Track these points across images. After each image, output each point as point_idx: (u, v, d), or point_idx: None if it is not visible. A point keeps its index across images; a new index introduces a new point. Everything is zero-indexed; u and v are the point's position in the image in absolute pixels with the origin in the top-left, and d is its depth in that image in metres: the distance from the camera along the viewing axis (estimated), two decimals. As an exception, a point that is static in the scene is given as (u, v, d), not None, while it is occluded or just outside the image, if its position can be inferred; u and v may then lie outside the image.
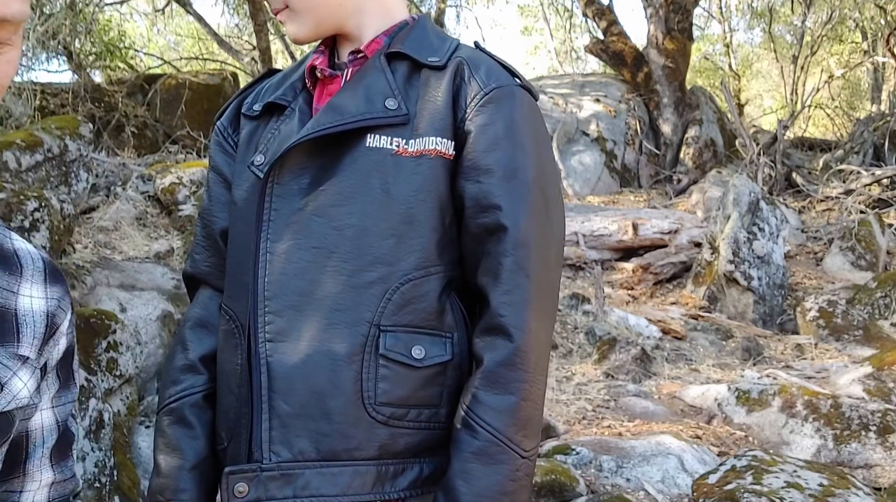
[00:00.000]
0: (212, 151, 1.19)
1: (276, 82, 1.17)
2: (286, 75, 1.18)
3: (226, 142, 1.18)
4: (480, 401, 0.97)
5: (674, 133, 10.34)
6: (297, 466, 0.96)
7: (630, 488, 2.94)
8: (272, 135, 1.10)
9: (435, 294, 1.02)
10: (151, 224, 4.58)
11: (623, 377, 4.45)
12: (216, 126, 1.19)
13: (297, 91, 1.13)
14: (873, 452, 3.31)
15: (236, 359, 1.04)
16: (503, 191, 1.01)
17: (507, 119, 1.03)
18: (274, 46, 11.29)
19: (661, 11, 10.34)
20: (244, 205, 1.09)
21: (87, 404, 2.51)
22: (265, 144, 1.10)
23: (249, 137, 1.14)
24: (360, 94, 1.04)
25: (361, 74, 1.07)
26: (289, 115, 1.10)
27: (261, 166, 1.08)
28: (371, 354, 0.98)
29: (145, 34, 12.09)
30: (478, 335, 1.00)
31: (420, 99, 1.05)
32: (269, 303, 1.00)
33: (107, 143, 7.05)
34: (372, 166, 1.01)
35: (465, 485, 0.95)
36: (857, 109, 13.98)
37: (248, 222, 1.06)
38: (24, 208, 3.38)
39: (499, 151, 1.02)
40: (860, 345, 5.17)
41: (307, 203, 1.02)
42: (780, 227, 6.16)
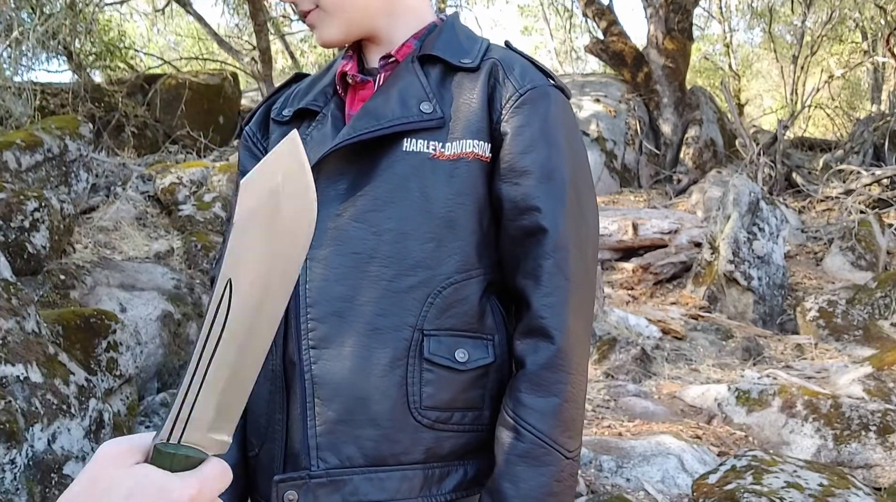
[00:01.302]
0: (241, 156, 1.19)
1: (304, 87, 1.17)
2: (315, 80, 1.17)
3: (255, 148, 1.17)
4: (524, 404, 0.98)
5: (674, 133, 10.34)
6: (345, 472, 0.97)
7: (630, 488, 2.94)
8: (305, 141, 1.08)
9: (476, 297, 1.02)
10: (151, 224, 4.58)
11: (623, 377, 4.46)
12: (245, 131, 1.19)
13: (329, 97, 1.12)
14: (873, 452, 3.31)
15: (268, 365, 1.03)
16: (541, 192, 1.01)
17: (542, 120, 1.04)
18: (274, 46, 11.29)
19: (661, 11, 10.34)
20: None
21: (87, 404, 2.52)
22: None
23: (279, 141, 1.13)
24: (394, 99, 1.04)
25: (395, 78, 1.06)
26: (321, 120, 1.09)
27: None
28: (415, 359, 0.99)
29: (145, 34, 12.09)
30: (519, 337, 1.01)
31: (454, 101, 1.05)
32: (311, 309, 0.99)
33: (107, 143, 7.06)
34: (409, 170, 1.01)
35: (513, 488, 0.95)
36: (857, 109, 13.98)
37: None
38: (24, 208, 3.38)
39: (535, 152, 1.02)
40: (860, 345, 5.17)
41: (345, 209, 1.01)
42: (780, 227, 6.16)
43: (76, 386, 2.49)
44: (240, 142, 1.20)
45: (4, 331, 2.35)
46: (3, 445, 2.11)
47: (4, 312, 2.40)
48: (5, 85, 6.04)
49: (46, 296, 3.30)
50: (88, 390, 2.54)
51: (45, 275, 3.40)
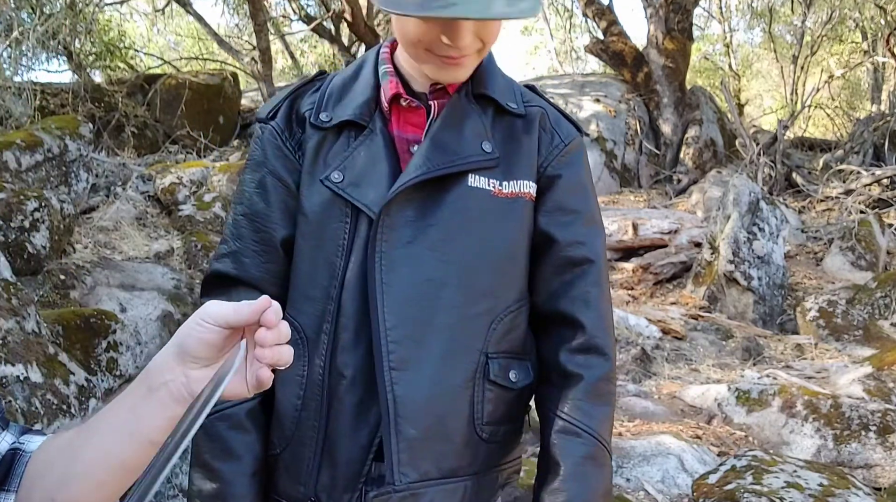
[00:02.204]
0: (268, 153, 1.14)
1: (337, 91, 1.15)
2: (347, 85, 1.15)
3: (284, 146, 1.14)
4: (586, 412, 1.10)
5: (674, 133, 10.34)
6: (422, 485, 1.06)
7: (630, 488, 2.94)
8: (352, 156, 1.10)
9: (525, 323, 1.16)
10: (151, 224, 4.58)
11: (623, 377, 4.45)
12: (272, 126, 1.15)
13: (372, 111, 1.12)
14: (873, 452, 3.31)
15: (299, 370, 1.09)
16: (587, 229, 1.17)
17: (582, 166, 1.21)
18: (274, 46, 11.29)
19: (661, 11, 10.34)
20: (319, 221, 1.10)
21: (87, 404, 2.51)
22: (343, 162, 1.10)
23: (318, 148, 1.12)
24: (463, 136, 1.11)
25: (456, 113, 1.12)
26: (368, 137, 1.11)
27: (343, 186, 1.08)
28: (481, 380, 1.10)
29: (145, 34, 12.09)
30: (572, 354, 1.14)
31: (505, 143, 1.14)
32: (391, 332, 1.05)
33: (107, 143, 7.05)
34: (474, 205, 1.10)
35: (581, 486, 1.07)
36: (857, 109, 13.97)
37: (324, 239, 1.10)
38: (24, 208, 3.38)
39: (580, 195, 1.18)
40: (860, 345, 5.17)
41: (416, 236, 1.08)
42: (780, 227, 6.16)
43: (76, 386, 2.49)
44: (264, 137, 1.15)
45: (4, 331, 2.35)
46: (3, 445, 2.11)
47: (4, 312, 2.40)
48: (5, 85, 6.04)
49: (46, 296, 3.30)
50: (88, 390, 2.54)
51: (45, 275, 3.40)
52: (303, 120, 1.14)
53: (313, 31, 10.99)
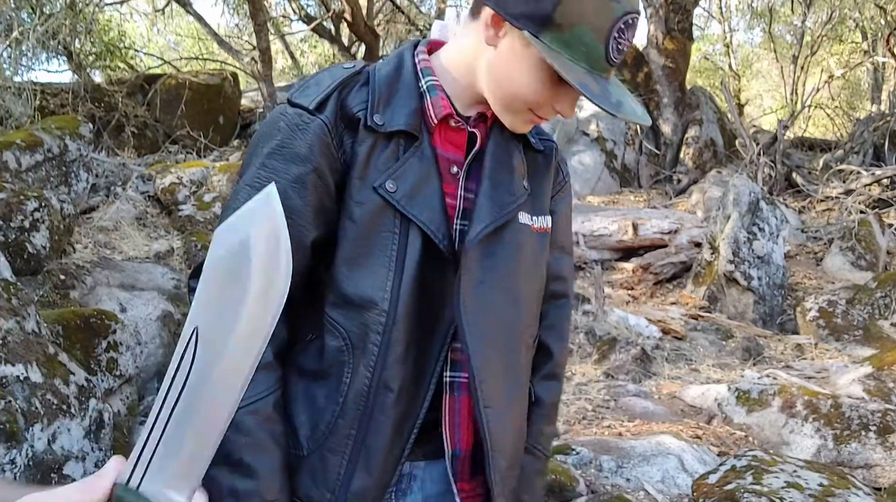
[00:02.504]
0: (315, 149, 1.07)
1: (385, 92, 1.10)
2: (394, 87, 1.11)
3: (332, 144, 1.07)
4: (544, 434, 1.24)
5: (674, 133, 10.34)
6: None
7: (630, 488, 2.94)
8: (404, 167, 1.08)
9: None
10: (151, 224, 4.59)
11: (623, 377, 4.45)
12: (322, 121, 1.07)
13: (420, 123, 1.10)
14: (873, 452, 3.31)
15: (341, 376, 1.08)
16: (568, 265, 1.27)
17: (570, 202, 1.30)
18: (274, 46, 11.29)
19: (661, 11, 10.34)
20: (369, 228, 1.07)
21: (87, 404, 2.51)
22: (395, 172, 1.07)
23: (370, 152, 1.07)
24: (513, 175, 1.15)
25: (504, 151, 1.15)
26: (419, 150, 1.09)
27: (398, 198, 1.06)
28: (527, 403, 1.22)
29: (145, 34, 12.09)
30: (541, 380, 1.24)
31: (531, 178, 1.18)
32: (478, 372, 1.11)
33: (107, 143, 7.05)
34: (524, 241, 1.15)
35: (531, 498, 1.22)
36: (857, 109, 13.98)
37: (372, 247, 1.07)
38: (24, 208, 3.38)
39: (568, 230, 1.28)
40: (860, 345, 5.17)
41: (484, 275, 1.11)
42: (780, 227, 6.16)
43: (76, 386, 2.49)
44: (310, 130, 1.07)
45: (4, 331, 2.35)
46: (3, 445, 2.11)
47: (4, 312, 2.41)
48: (5, 85, 6.04)
49: (46, 296, 3.30)
50: (88, 390, 2.54)
51: (45, 275, 3.40)
52: (351, 118, 1.07)
53: (313, 31, 11.00)
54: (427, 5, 12.53)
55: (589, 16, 0.98)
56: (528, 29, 0.99)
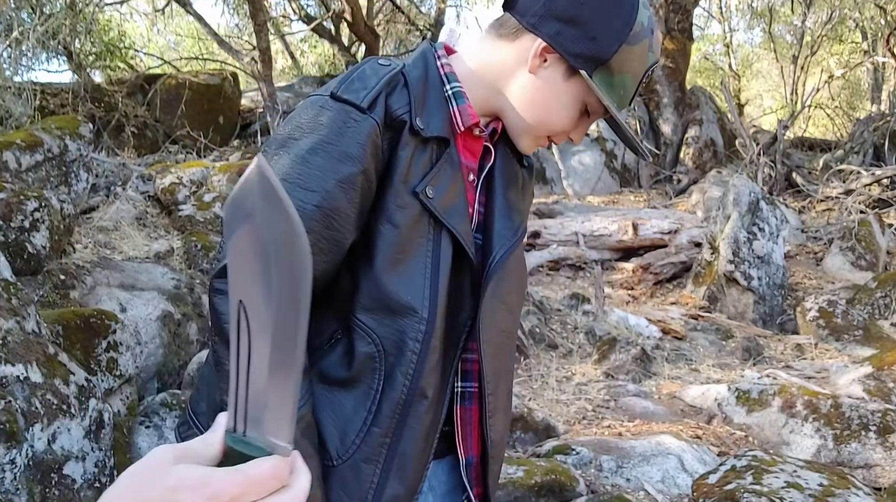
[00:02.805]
0: (366, 150, 1.04)
1: (421, 95, 1.09)
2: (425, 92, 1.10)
3: (381, 145, 1.05)
4: None
5: (674, 133, 10.34)
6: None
7: (630, 488, 2.94)
8: (439, 173, 1.08)
9: None
10: (151, 224, 4.58)
11: (623, 377, 4.45)
12: (374, 121, 1.04)
13: (450, 129, 1.11)
14: (873, 452, 3.31)
15: (373, 383, 1.07)
16: None
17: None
18: (274, 46, 11.28)
19: (661, 11, 10.34)
20: (407, 233, 1.06)
21: (87, 404, 2.51)
22: (432, 178, 1.07)
23: (412, 155, 1.06)
24: (518, 194, 1.21)
25: (510, 169, 1.20)
26: (450, 157, 1.10)
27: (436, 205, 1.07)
28: None
29: (145, 34, 12.08)
30: None
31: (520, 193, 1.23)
32: (489, 384, 1.16)
33: (107, 143, 7.05)
34: (519, 254, 1.21)
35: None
36: (857, 109, 13.97)
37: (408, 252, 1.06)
38: (24, 208, 3.38)
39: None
40: (860, 345, 5.17)
41: (495, 290, 1.14)
42: (780, 227, 6.16)
43: (76, 386, 2.49)
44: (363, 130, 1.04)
45: (4, 331, 2.35)
46: (3, 445, 2.11)
47: (4, 312, 2.41)
48: (5, 85, 6.04)
49: (46, 296, 3.30)
50: (88, 390, 2.54)
51: (45, 275, 3.40)
52: (395, 120, 1.05)
53: (313, 31, 10.99)
54: (427, 5, 12.53)
55: (635, 65, 1.09)
56: (584, 68, 1.07)
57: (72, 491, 2.31)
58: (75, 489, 2.33)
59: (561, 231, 6.92)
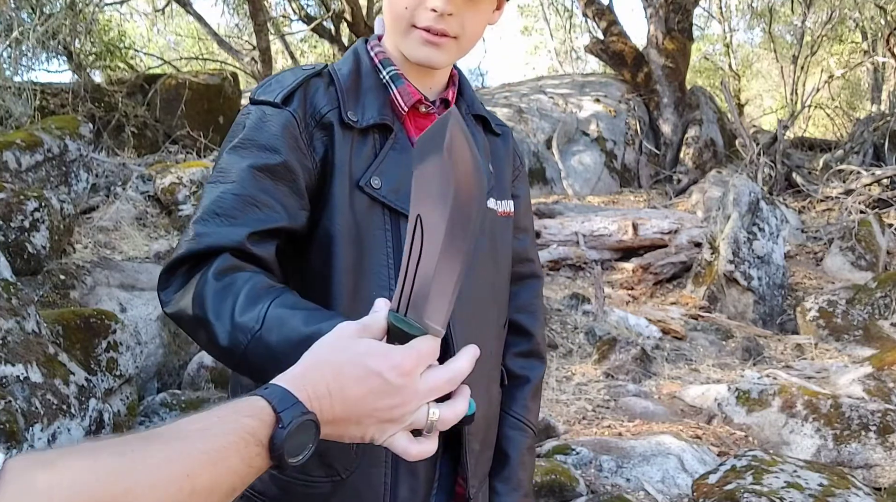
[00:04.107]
0: (282, 141, 1.03)
1: (352, 90, 1.09)
2: (357, 84, 1.10)
3: (300, 138, 1.04)
4: (530, 409, 1.25)
5: (674, 133, 10.34)
6: (479, 491, 1.18)
7: (630, 488, 2.94)
8: (385, 161, 1.07)
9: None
10: (151, 224, 4.58)
11: (623, 377, 4.45)
12: (290, 113, 1.04)
13: (392, 114, 1.10)
14: (873, 452, 3.31)
15: None
16: (532, 246, 1.30)
17: (528, 184, 1.33)
18: (274, 46, 11.29)
19: (661, 11, 10.34)
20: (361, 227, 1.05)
21: (87, 404, 2.51)
22: (378, 167, 1.06)
23: (351, 150, 1.05)
24: (484, 162, 1.16)
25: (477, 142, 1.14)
26: (396, 141, 1.09)
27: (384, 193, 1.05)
28: (500, 387, 1.23)
29: (145, 34, 12.09)
30: (520, 358, 1.26)
31: (493, 163, 1.20)
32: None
33: (107, 143, 7.05)
34: (490, 225, 1.17)
35: (524, 472, 1.24)
36: (857, 109, 13.98)
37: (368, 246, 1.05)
38: (24, 208, 3.38)
39: (529, 213, 1.30)
40: (860, 345, 5.17)
41: None
42: (780, 227, 6.16)
43: (76, 386, 2.49)
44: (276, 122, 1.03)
45: (4, 331, 2.35)
46: (3, 445, 2.11)
47: (4, 312, 2.40)
48: (5, 85, 6.04)
49: (46, 296, 3.30)
50: (88, 390, 2.54)
51: (45, 275, 3.40)
52: (322, 118, 1.05)
53: (313, 31, 11.00)
54: (427, 5, 12.52)
55: None
56: None
57: (72, 491, 2.30)
58: (75, 489, 2.32)
59: (561, 231, 6.92)
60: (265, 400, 0.66)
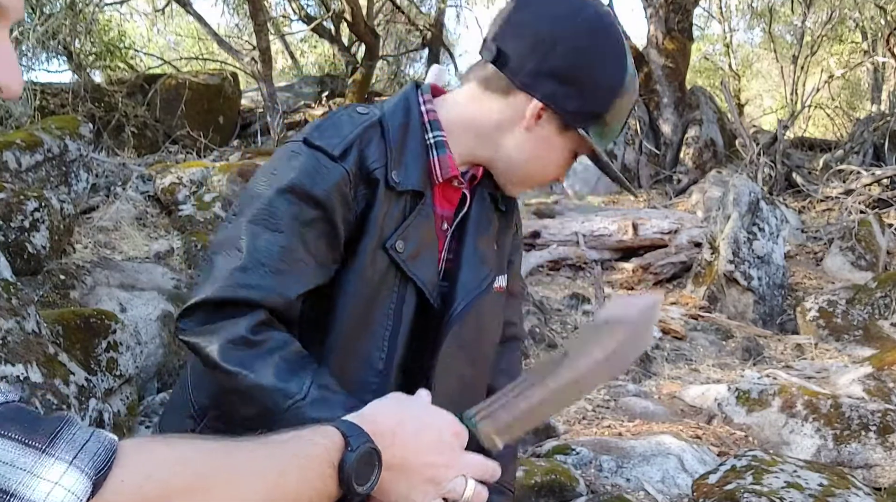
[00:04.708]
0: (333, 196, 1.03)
1: (398, 147, 1.08)
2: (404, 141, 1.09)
3: (349, 194, 1.04)
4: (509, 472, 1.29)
5: (674, 133, 10.34)
6: None
7: (630, 488, 2.94)
8: (411, 226, 1.07)
9: None
10: (151, 224, 4.59)
11: (623, 377, 4.45)
12: (344, 170, 1.03)
13: (425, 182, 1.10)
14: (873, 452, 3.31)
15: None
16: (517, 308, 1.33)
17: (522, 252, 1.36)
18: (274, 46, 11.28)
19: (661, 11, 10.34)
20: (375, 285, 1.06)
21: (87, 404, 2.51)
22: (403, 231, 1.07)
23: (386, 210, 1.06)
24: (490, 243, 1.19)
25: (486, 218, 1.18)
26: (424, 208, 1.09)
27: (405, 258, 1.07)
28: None
29: (145, 34, 12.08)
30: None
31: (497, 239, 1.22)
32: None
33: (107, 143, 7.06)
34: (492, 303, 1.19)
35: None
36: (857, 109, 13.97)
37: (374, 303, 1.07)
38: (24, 208, 3.38)
39: (518, 278, 1.33)
40: (860, 345, 5.17)
41: (454, 340, 1.13)
42: (780, 227, 6.16)
43: (76, 386, 2.49)
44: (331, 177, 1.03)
45: (4, 331, 2.35)
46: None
47: (4, 312, 2.41)
48: (5, 85, 6.03)
49: (46, 296, 3.30)
50: (88, 390, 2.54)
51: (45, 275, 3.40)
52: (370, 173, 1.05)
53: (313, 31, 11.00)
54: (427, 5, 12.53)
55: (624, 111, 1.11)
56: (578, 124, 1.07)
57: (72, 491, 2.30)
58: (75, 489, 2.32)
59: (561, 231, 6.92)
60: (334, 428, 0.73)
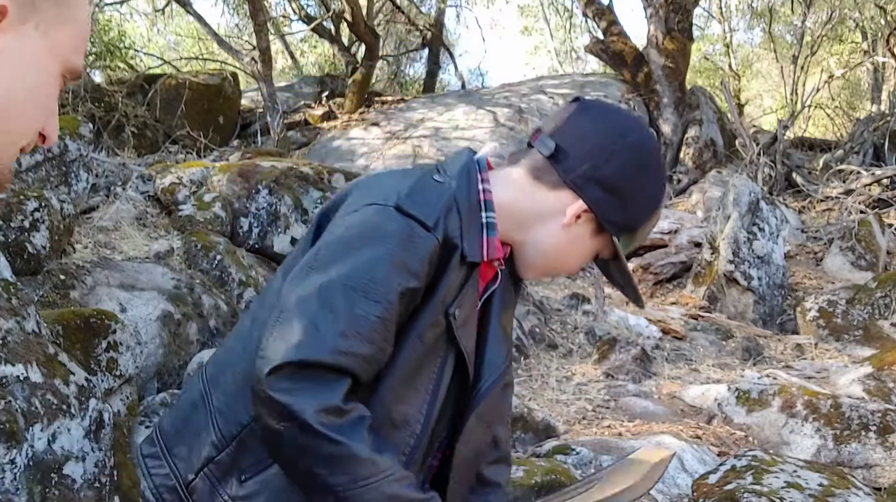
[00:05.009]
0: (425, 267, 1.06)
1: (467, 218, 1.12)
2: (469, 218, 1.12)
3: (435, 263, 1.08)
4: None
5: (674, 133, 10.33)
6: None
7: (630, 488, 2.94)
8: (464, 296, 1.12)
9: None
10: (151, 224, 4.58)
11: (623, 377, 4.45)
12: (436, 239, 1.07)
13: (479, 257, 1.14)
14: (873, 452, 3.31)
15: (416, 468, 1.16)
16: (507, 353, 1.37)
17: None
18: (274, 46, 11.28)
19: (661, 11, 10.33)
20: (429, 349, 1.11)
21: (87, 404, 2.51)
22: (460, 300, 1.11)
23: (453, 278, 1.10)
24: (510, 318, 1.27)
25: (509, 291, 1.24)
26: (474, 282, 1.14)
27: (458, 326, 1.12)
28: None
29: (145, 34, 12.09)
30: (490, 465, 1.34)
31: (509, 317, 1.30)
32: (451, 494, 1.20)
33: (107, 143, 7.05)
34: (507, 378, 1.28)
35: None
36: (857, 109, 13.97)
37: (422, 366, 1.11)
38: (24, 208, 3.38)
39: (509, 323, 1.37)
40: (860, 345, 5.17)
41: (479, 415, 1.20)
42: (780, 227, 6.16)
43: (76, 386, 2.49)
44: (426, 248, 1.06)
45: (4, 331, 2.35)
46: (3, 445, 2.11)
47: (4, 312, 2.41)
48: (5, 85, 6.03)
49: (46, 296, 3.30)
50: (88, 390, 2.54)
51: (45, 275, 3.40)
52: (450, 242, 1.09)
53: (313, 31, 11.00)
54: (427, 5, 12.54)
55: (652, 226, 1.22)
56: (613, 232, 1.15)
57: (72, 492, 2.30)
58: (75, 489, 2.32)
59: (561, 231, 6.92)
60: None
